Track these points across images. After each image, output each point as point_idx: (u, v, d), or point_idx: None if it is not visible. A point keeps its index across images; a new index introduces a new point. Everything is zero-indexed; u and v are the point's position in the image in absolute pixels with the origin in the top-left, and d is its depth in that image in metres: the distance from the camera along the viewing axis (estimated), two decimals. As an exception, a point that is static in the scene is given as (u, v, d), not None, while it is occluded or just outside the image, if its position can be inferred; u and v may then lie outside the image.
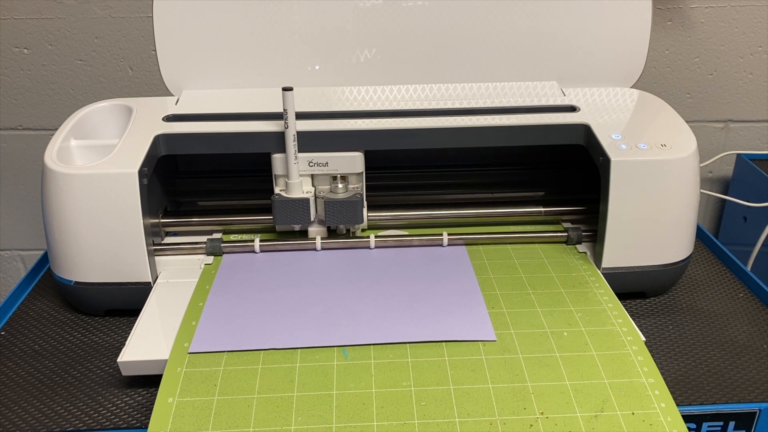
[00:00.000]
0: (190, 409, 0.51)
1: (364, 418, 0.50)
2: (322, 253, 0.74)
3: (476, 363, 0.55)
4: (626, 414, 0.50)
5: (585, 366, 0.55)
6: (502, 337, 0.58)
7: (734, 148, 1.13)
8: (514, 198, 0.83)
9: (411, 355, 0.56)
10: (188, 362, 0.56)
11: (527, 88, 0.80)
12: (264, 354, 0.56)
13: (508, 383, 0.53)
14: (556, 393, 0.52)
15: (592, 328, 0.59)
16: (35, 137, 1.10)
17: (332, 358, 0.56)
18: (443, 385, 0.53)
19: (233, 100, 0.78)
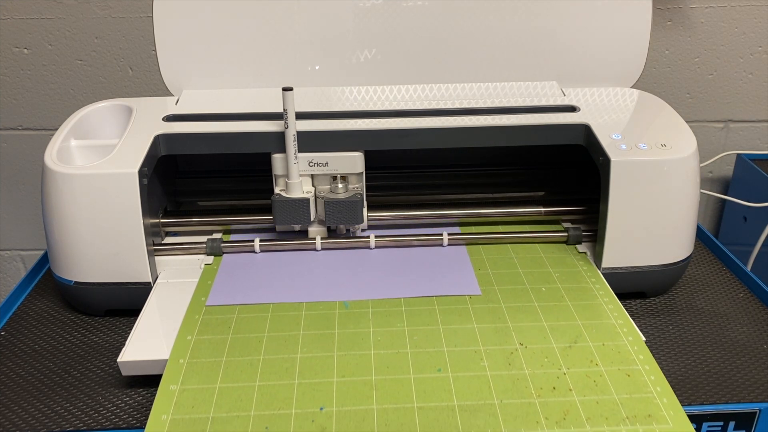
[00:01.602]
0: (207, 344, 0.59)
1: (363, 348, 0.58)
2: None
3: (463, 310, 0.63)
4: (597, 345, 0.58)
5: (561, 311, 0.63)
6: (487, 292, 0.66)
7: (734, 148, 1.13)
8: (514, 198, 0.83)
9: (405, 305, 0.64)
10: (205, 311, 0.63)
11: (527, 88, 0.80)
12: (273, 306, 0.64)
13: (490, 324, 0.61)
14: (534, 330, 0.60)
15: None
16: (35, 137, 1.10)
17: (334, 308, 0.64)
18: (433, 326, 0.61)
19: (233, 100, 0.78)
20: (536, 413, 0.51)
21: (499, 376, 0.55)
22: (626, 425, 0.50)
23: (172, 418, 0.51)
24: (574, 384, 0.54)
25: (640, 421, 0.50)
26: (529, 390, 0.53)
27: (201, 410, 0.52)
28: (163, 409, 0.52)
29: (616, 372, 0.55)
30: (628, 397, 0.53)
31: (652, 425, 0.50)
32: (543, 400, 0.52)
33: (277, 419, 0.51)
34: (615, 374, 0.55)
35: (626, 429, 0.50)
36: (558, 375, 0.55)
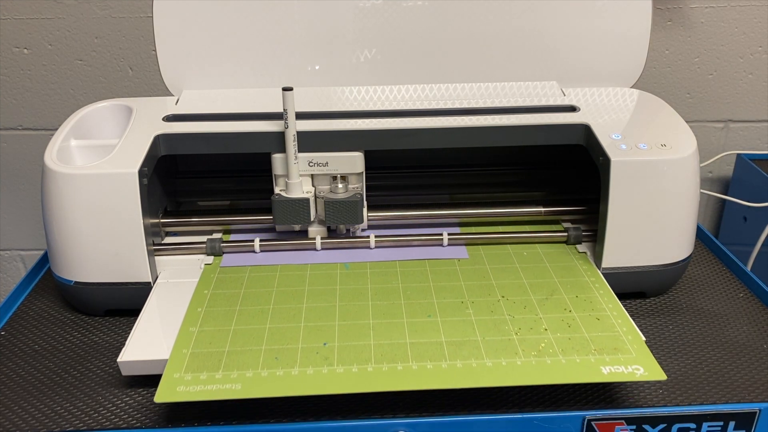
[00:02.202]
0: (222, 297, 0.66)
1: (361, 300, 0.66)
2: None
3: (451, 271, 0.70)
4: (571, 297, 0.66)
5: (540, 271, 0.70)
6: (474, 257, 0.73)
7: (734, 148, 1.13)
8: (514, 198, 0.83)
9: (399, 267, 0.71)
10: (219, 271, 0.70)
11: (527, 88, 0.80)
12: (281, 267, 0.71)
13: (476, 281, 0.68)
14: (514, 286, 0.68)
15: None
16: (35, 137, 1.10)
17: (336, 269, 0.71)
18: (425, 283, 0.68)
19: (233, 100, 0.78)
20: (515, 347, 0.58)
21: (483, 320, 0.62)
22: (595, 356, 0.57)
23: (192, 352, 0.58)
24: (549, 325, 0.61)
25: (607, 353, 0.57)
26: (509, 330, 0.61)
27: (218, 346, 0.59)
28: (183, 345, 0.59)
29: (587, 317, 0.62)
30: (597, 335, 0.60)
31: (618, 355, 0.57)
32: (521, 338, 0.60)
33: (285, 352, 0.58)
34: (586, 318, 0.62)
35: (594, 358, 0.57)
36: (535, 319, 0.62)
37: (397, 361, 0.56)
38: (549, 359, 0.57)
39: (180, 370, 0.56)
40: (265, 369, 0.56)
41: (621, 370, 0.55)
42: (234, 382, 0.55)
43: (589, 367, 0.56)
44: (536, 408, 0.57)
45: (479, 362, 0.56)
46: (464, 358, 0.57)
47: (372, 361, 0.56)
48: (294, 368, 0.56)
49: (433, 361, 0.56)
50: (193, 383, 0.54)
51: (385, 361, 0.56)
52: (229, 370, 0.56)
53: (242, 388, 0.54)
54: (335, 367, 0.56)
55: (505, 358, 0.57)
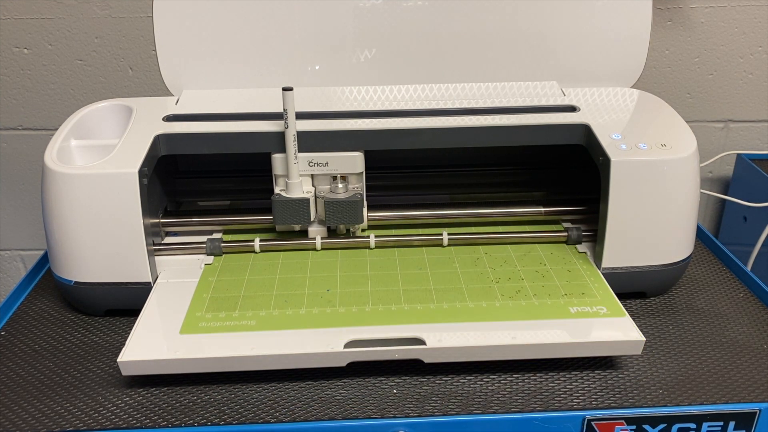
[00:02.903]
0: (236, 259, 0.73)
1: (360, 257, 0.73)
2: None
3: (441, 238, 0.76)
4: (547, 254, 0.74)
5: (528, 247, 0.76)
6: None
7: (734, 148, 1.13)
8: (514, 198, 0.83)
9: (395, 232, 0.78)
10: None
11: (527, 88, 0.80)
12: None
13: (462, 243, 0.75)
14: (497, 246, 0.75)
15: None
16: (35, 137, 1.10)
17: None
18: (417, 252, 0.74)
19: (233, 100, 0.78)
20: (494, 292, 0.67)
21: (467, 272, 0.70)
22: (564, 299, 0.66)
23: (211, 296, 0.67)
24: (526, 276, 0.70)
25: (575, 296, 0.66)
26: (490, 279, 0.69)
27: (234, 292, 0.67)
28: (203, 291, 0.67)
29: (560, 269, 0.71)
30: (567, 283, 0.68)
31: (584, 298, 0.66)
32: (500, 285, 0.68)
33: (293, 296, 0.67)
34: (558, 270, 0.70)
35: (564, 301, 0.65)
36: (513, 271, 0.70)
37: (391, 304, 0.65)
38: (524, 302, 0.65)
39: (201, 310, 0.64)
40: (276, 309, 0.64)
41: (587, 310, 0.64)
42: (249, 319, 0.63)
43: (558, 308, 0.64)
44: (536, 408, 0.58)
45: (463, 304, 0.65)
46: (450, 301, 0.65)
47: (369, 303, 0.65)
48: (301, 309, 0.64)
49: (422, 303, 0.65)
50: (213, 320, 0.63)
51: (381, 303, 0.65)
52: (244, 310, 0.64)
53: (256, 324, 0.62)
54: (337, 308, 0.64)
55: (486, 301, 0.65)
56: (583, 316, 0.63)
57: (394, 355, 0.59)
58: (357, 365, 0.61)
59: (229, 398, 0.59)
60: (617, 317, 0.62)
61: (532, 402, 0.58)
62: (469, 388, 0.60)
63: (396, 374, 0.62)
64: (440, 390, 0.60)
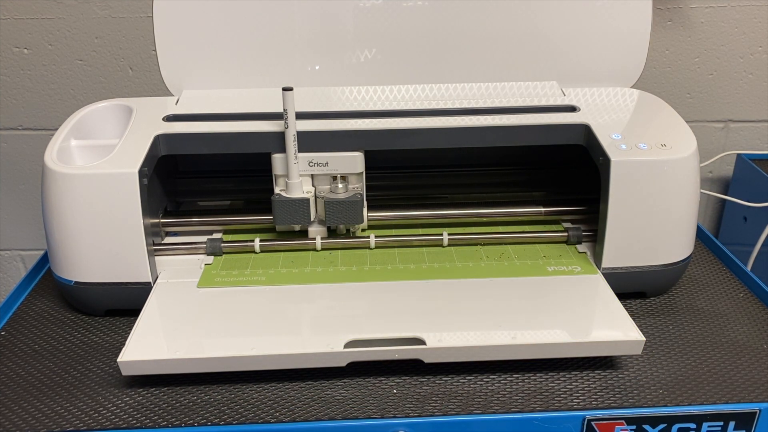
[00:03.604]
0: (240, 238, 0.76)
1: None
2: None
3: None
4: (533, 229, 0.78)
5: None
6: None
7: (734, 148, 1.13)
8: (514, 198, 0.83)
9: None
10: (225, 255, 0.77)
11: (527, 88, 0.80)
12: None
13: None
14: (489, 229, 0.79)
15: None
16: (35, 137, 1.10)
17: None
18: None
19: (233, 100, 0.78)
20: (480, 254, 0.74)
21: (456, 239, 0.76)
22: (543, 260, 0.72)
23: (225, 259, 0.73)
24: (508, 242, 0.76)
25: (553, 258, 0.73)
26: (476, 245, 0.75)
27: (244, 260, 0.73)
28: (213, 268, 0.72)
29: (543, 238, 0.76)
30: (545, 247, 0.75)
31: (561, 260, 0.72)
32: (485, 249, 0.75)
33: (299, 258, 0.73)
34: (541, 239, 0.76)
35: (543, 262, 0.72)
36: (498, 239, 0.76)
37: (387, 264, 0.72)
38: (506, 262, 0.72)
39: (217, 269, 0.71)
40: (284, 268, 0.71)
41: (563, 269, 0.71)
42: (260, 275, 0.70)
43: (537, 268, 0.71)
44: (536, 408, 0.58)
45: (451, 264, 0.72)
46: (440, 262, 0.72)
47: (368, 264, 0.72)
48: (306, 267, 0.71)
49: (416, 263, 0.72)
50: (228, 276, 0.70)
51: (378, 263, 0.72)
52: (255, 268, 0.71)
53: (266, 279, 0.69)
54: (339, 267, 0.71)
55: (472, 261, 0.72)
56: (559, 274, 0.70)
57: (394, 355, 0.59)
58: (357, 365, 0.61)
59: (229, 398, 0.59)
60: (590, 275, 0.69)
61: (532, 402, 0.58)
62: (469, 388, 0.60)
63: (396, 374, 0.62)
64: (440, 390, 0.60)
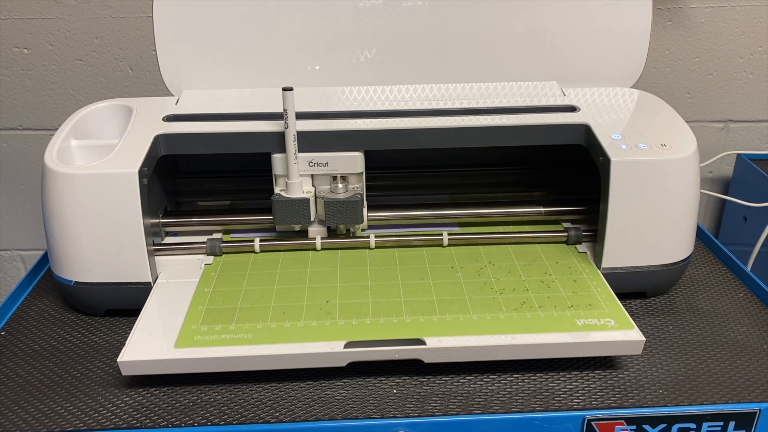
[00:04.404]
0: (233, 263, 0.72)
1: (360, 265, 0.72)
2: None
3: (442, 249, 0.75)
4: (552, 263, 0.72)
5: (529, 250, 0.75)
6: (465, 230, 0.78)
7: (734, 148, 1.13)
8: (514, 198, 0.83)
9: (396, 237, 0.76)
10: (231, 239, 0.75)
11: (527, 88, 0.80)
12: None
13: (465, 251, 0.74)
14: (501, 253, 0.74)
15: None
16: (35, 137, 1.10)
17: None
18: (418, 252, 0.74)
19: (233, 100, 0.78)
20: (498, 304, 0.65)
21: (470, 282, 0.68)
22: (571, 311, 0.64)
23: (207, 308, 0.64)
24: (530, 286, 0.68)
25: (582, 309, 0.64)
26: (494, 290, 0.67)
27: (230, 303, 0.65)
28: (199, 303, 0.65)
29: (565, 279, 0.69)
30: (573, 294, 0.66)
31: (591, 310, 0.64)
32: (504, 296, 0.66)
33: (291, 308, 0.64)
34: (564, 281, 0.68)
35: (570, 313, 0.63)
36: (518, 281, 0.68)
37: (393, 316, 0.63)
38: (529, 314, 0.63)
39: (197, 323, 0.62)
40: (274, 322, 0.62)
41: (594, 323, 0.62)
42: (246, 332, 0.61)
43: (564, 320, 0.62)
44: (536, 408, 0.57)
45: (466, 316, 0.63)
46: (453, 313, 0.63)
47: (370, 315, 0.63)
48: (300, 321, 0.62)
49: (424, 315, 0.63)
50: (209, 333, 0.61)
51: (382, 315, 0.63)
52: (241, 322, 0.62)
53: (253, 338, 0.60)
54: (337, 320, 0.63)
55: (490, 313, 0.63)
56: (591, 329, 0.61)
57: (394, 355, 0.59)
58: (357, 365, 0.61)
59: (229, 398, 0.59)
60: (626, 330, 0.61)
61: (532, 402, 0.58)
62: (469, 388, 0.60)
63: (396, 374, 0.62)
64: (440, 390, 0.60)
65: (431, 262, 0.72)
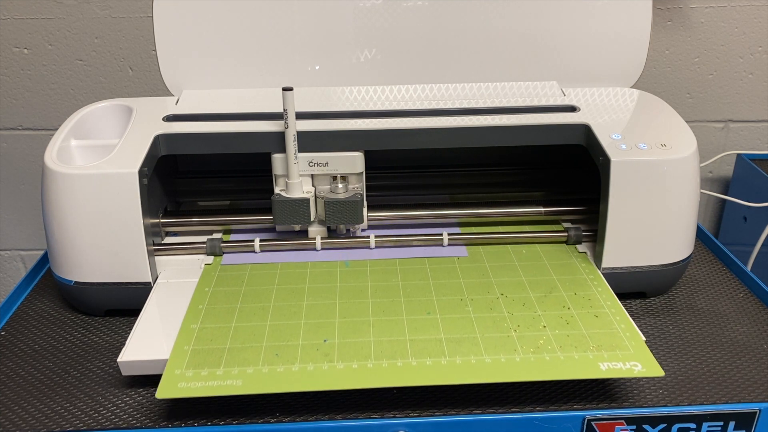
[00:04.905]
0: (223, 294, 0.66)
1: (361, 298, 0.66)
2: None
3: (451, 269, 0.71)
4: (570, 294, 0.66)
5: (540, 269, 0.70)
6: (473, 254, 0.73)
7: (734, 148, 1.13)
8: (514, 198, 0.83)
9: (399, 265, 0.72)
10: (221, 269, 0.71)
11: (527, 88, 0.80)
12: (282, 264, 0.72)
13: (475, 279, 0.68)
14: (514, 284, 0.68)
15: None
16: (35, 137, 1.10)
17: (336, 267, 0.71)
18: (424, 281, 0.68)
19: (233, 100, 0.78)
20: (514, 344, 0.59)
21: (482, 317, 0.62)
22: (593, 352, 0.58)
23: (193, 349, 0.58)
24: (548, 322, 0.61)
25: (605, 350, 0.58)
26: (508, 327, 0.61)
27: (218, 342, 0.59)
28: (184, 342, 0.59)
29: (586, 314, 0.63)
30: (595, 332, 0.60)
31: (616, 352, 0.57)
32: (520, 334, 0.60)
33: (286, 348, 0.58)
34: (585, 316, 0.62)
35: (593, 355, 0.57)
36: (534, 316, 0.62)
37: (397, 358, 0.57)
38: (548, 356, 0.57)
39: (181, 367, 0.56)
40: (266, 365, 0.56)
41: (619, 367, 0.56)
42: (235, 378, 0.55)
43: (587, 364, 0.56)
44: (536, 408, 0.57)
45: (478, 359, 0.57)
46: (463, 355, 0.57)
47: (372, 358, 0.57)
48: (294, 364, 0.56)
49: (432, 357, 0.57)
50: (195, 379, 0.55)
51: (385, 357, 0.57)
52: (230, 366, 0.56)
53: (243, 384, 0.54)
54: (335, 363, 0.57)
55: (504, 354, 0.57)
56: (616, 375, 0.55)
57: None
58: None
59: (229, 398, 0.59)
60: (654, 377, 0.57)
61: (532, 402, 0.58)
62: (470, 388, 0.60)
63: (396, 374, 0.62)
64: (440, 390, 0.60)
65: (438, 293, 0.66)
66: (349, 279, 0.69)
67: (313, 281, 0.68)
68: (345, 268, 0.71)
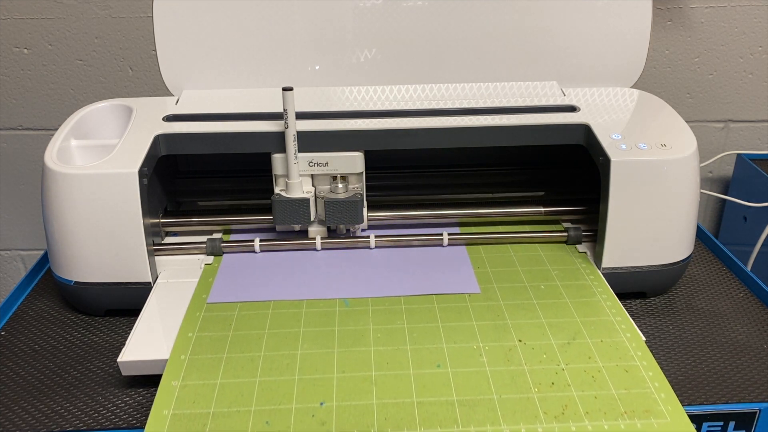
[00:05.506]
0: (208, 341, 0.59)
1: (363, 345, 0.59)
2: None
3: (462, 308, 0.64)
4: (596, 341, 0.59)
5: (560, 308, 0.63)
6: (486, 290, 0.67)
7: (734, 148, 1.13)
8: (514, 198, 0.83)
9: (404, 303, 0.64)
10: (206, 309, 0.64)
11: (527, 88, 0.80)
12: (274, 303, 0.65)
13: (489, 321, 0.62)
14: (532, 327, 0.61)
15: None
16: (35, 137, 1.10)
17: (335, 306, 0.64)
18: (432, 323, 0.61)
19: (233, 100, 0.78)
20: (535, 408, 0.52)
21: (498, 371, 0.55)
22: (624, 420, 0.50)
23: (174, 413, 0.52)
24: (573, 379, 0.54)
25: (638, 416, 0.51)
26: (528, 385, 0.54)
27: (202, 405, 0.52)
28: (164, 405, 0.52)
29: (614, 368, 0.56)
30: (626, 392, 0.53)
31: (650, 420, 0.50)
32: (542, 395, 0.53)
33: (277, 414, 0.52)
34: (613, 370, 0.55)
35: (624, 424, 0.50)
36: (556, 371, 0.55)
37: (404, 427, 0.50)
38: (573, 425, 0.50)
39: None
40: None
41: None
42: None
43: None
44: (536, 408, 0.57)
45: (495, 428, 0.50)
46: (478, 424, 0.50)
47: (375, 426, 0.51)
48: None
49: (443, 426, 0.50)
50: None
51: (390, 426, 0.51)
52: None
53: None
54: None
55: (525, 423, 0.50)
56: None
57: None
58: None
59: (229, 398, 0.59)
60: None
61: (532, 402, 0.58)
62: (469, 388, 0.60)
63: (396, 374, 0.62)
64: None
65: (449, 338, 0.59)
66: (349, 321, 0.62)
67: (308, 324, 0.61)
68: (344, 307, 0.64)
